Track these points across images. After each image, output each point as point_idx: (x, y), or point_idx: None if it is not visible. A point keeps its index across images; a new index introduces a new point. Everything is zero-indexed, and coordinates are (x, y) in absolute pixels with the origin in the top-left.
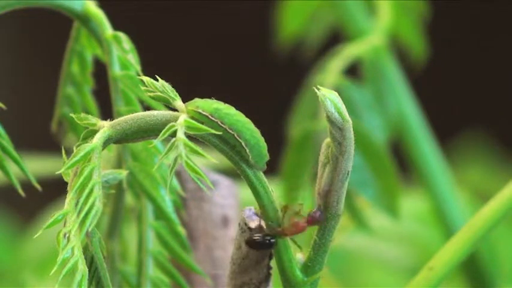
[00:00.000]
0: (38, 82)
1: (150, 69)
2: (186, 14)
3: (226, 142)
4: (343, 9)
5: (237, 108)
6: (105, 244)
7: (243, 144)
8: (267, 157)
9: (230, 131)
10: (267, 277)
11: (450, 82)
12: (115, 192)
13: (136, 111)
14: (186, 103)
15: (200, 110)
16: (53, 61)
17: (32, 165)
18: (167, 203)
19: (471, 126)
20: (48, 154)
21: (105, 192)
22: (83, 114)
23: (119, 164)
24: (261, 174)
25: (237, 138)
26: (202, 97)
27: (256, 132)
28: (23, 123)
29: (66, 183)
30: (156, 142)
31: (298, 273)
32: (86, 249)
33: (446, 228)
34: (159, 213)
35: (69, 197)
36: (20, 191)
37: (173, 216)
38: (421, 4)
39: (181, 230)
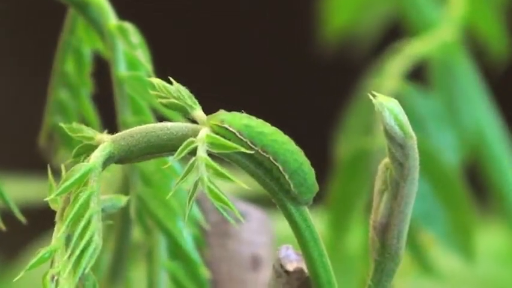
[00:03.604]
0: (22, 85)
1: (164, 69)
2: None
3: (260, 164)
4: None
5: (270, 122)
6: None
7: (280, 169)
8: (316, 187)
9: (264, 154)
10: None
11: None
12: (119, 224)
13: (146, 122)
14: (209, 116)
15: (226, 125)
16: (42, 58)
17: (14, 189)
18: (186, 238)
19: None
20: (34, 175)
21: (104, 223)
22: (76, 125)
23: (125, 188)
24: (305, 210)
25: (273, 161)
26: (227, 108)
27: (299, 154)
28: (2, 137)
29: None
30: (172, 162)
31: None
32: None
33: None
34: (175, 251)
35: (59, 229)
36: (1, 225)
37: (193, 254)
38: None
39: (203, 272)
